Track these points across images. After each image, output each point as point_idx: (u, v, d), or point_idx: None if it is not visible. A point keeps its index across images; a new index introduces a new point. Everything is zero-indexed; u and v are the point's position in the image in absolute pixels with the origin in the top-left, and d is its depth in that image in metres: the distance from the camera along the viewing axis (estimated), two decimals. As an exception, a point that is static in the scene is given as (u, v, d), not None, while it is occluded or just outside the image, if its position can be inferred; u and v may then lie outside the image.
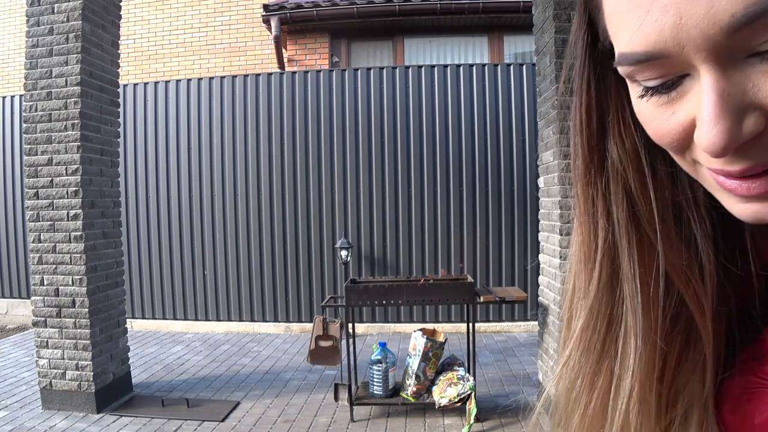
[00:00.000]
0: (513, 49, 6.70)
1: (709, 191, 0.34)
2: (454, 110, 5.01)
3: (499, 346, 4.62)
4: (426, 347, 3.08)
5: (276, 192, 5.15)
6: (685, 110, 0.30)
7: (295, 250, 5.14)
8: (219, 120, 5.23)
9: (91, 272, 3.32)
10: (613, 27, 0.31)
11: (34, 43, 3.26)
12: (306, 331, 5.06)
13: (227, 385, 3.77)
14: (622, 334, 0.37)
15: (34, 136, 3.30)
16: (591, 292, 0.38)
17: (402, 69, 5.10)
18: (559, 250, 2.93)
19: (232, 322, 5.26)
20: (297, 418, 3.20)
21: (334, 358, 3.23)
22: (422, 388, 3.12)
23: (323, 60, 6.60)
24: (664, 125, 0.32)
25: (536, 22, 3.23)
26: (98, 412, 3.28)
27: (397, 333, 5.06)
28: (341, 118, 5.10)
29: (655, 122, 0.32)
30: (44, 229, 3.31)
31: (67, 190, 3.27)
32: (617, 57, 0.31)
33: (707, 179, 0.33)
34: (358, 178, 5.08)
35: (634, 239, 0.36)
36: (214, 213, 5.23)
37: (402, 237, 5.05)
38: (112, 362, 3.47)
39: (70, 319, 3.29)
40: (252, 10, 7.36)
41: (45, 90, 3.26)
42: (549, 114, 3.07)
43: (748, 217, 0.32)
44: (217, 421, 3.14)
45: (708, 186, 0.33)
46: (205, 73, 7.15)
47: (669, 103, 0.31)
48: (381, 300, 3.07)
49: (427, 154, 5.03)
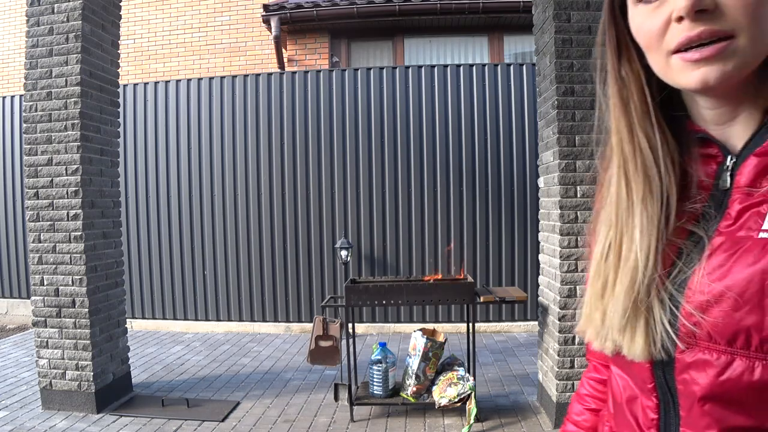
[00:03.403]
0: (513, 49, 6.70)
1: (673, 80, 0.53)
2: (454, 110, 5.01)
3: (499, 346, 4.62)
4: (426, 347, 3.08)
5: (276, 192, 5.15)
6: (665, 11, 0.51)
7: (295, 250, 5.14)
8: (219, 120, 5.23)
9: (91, 272, 3.32)
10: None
11: (34, 43, 3.26)
12: (306, 331, 5.06)
13: (227, 385, 3.77)
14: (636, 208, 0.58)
15: (34, 136, 3.30)
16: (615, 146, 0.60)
17: (402, 69, 5.10)
18: (559, 250, 2.92)
19: (232, 322, 5.26)
20: (297, 418, 3.20)
21: (334, 358, 3.23)
22: (422, 388, 3.12)
23: (323, 60, 6.60)
24: (652, 25, 0.53)
25: (536, 22, 3.23)
26: (98, 412, 3.28)
27: (397, 333, 5.06)
28: (341, 118, 5.10)
29: (645, 25, 0.53)
30: (44, 229, 3.31)
31: (67, 190, 3.27)
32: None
33: (673, 66, 0.52)
34: (358, 178, 5.08)
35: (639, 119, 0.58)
36: (214, 213, 5.23)
37: (402, 237, 5.05)
38: (112, 362, 3.47)
39: (70, 319, 3.29)
40: (252, 10, 7.36)
41: (45, 90, 3.26)
42: (549, 114, 3.07)
43: (698, 82, 0.50)
44: (217, 421, 3.14)
45: (674, 73, 0.52)
46: (205, 73, 7.16)
47: (655, 8, 0.52)
48: (381, 300, 3.07)
49: (427, 154, 5.03)
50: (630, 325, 0.56)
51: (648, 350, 0.55)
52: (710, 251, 0.52)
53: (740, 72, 0.49)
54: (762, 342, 0.47)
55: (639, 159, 0.58)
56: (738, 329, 0.48)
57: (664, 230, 0.56)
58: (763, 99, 0.52)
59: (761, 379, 0.47)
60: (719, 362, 0.50)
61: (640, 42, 0.56)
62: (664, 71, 0.53)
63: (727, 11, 0.47)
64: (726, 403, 0.50)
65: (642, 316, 0.55)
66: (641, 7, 0.54)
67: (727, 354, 0.49)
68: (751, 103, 0.53)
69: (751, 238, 0.49)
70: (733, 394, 0.49)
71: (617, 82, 0.59)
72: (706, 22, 0.48)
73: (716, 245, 0.52)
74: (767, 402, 0.48)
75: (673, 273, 0.55)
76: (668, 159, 0.57)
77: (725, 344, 0.49)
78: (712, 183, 0.56)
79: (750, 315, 0.47)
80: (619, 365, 0.64)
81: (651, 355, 0.55)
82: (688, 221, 0.56)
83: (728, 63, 0.48)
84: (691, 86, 0.51)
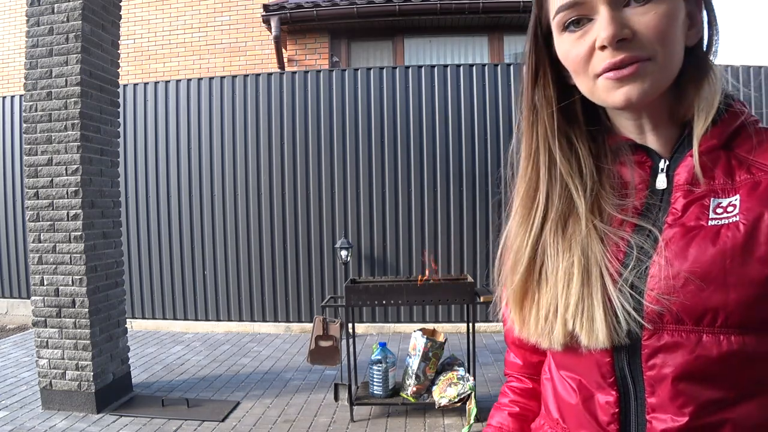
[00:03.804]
0: (513, 49, 6.70)
1: (600, 99, 0.59)
2: (454, 110, 5.01)
3: (499, 346, 4.62)
4: (426, 347, 3.08)
5: (276, 192, 5.15)
6: (589, 39, 0.57)
7: (295, 250, 5.14)
8: (219, 120, 5.22)
9: (91, 272, 3.32)
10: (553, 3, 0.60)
11: (34, 43, 3.26)
12: (306, 331, 5.06)
13: (227, 385, 3.77)
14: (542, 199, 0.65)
15: (34, 136, 3.30)
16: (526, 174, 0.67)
17: (402, 69, 5.10)
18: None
19: (232, 322, 5.26)
20: (297, 418, 3.20)
21: (334, 358, 3.23)
22: (422, 388, 3.12)
23: (323, 60, 6.60)
24: (578, 51, 0.59)
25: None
26: (98, 412, 3.28)
27: (397, 333, 5.06)
28: (341, 118, 5.10)
29: (572, 52, 0.59)
30: (44, 229, 3.31)
31: (67, 190, 3.27)
32: (555, 10, 0.59)
33: (599, 87, 0.58)
34: (358, 178, 5.08)
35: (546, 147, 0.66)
36: (214, 213, 5.23)
37: (402, 237, 5.05)
38: (112, 362, 3.47)
39: (70, 319, 3.29)
40: (252, 10, 7.36)
41: (45, 90, 3.26)
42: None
43: (622, 101, 0.57)
44: (217, 421, 3.14)
45: (601, 93, 0.59)
46: (205, 73, 7.16)
47: (580, 37, 0.58)
48: (381, 300, 3.07)
49: (427, 154, 5.03)
50: (587, 315, 0.59)
51: (610, 336, 0.57)
52: (665, 241, 0.57)
53: (657, 89, 0.57)
54: (726, 318, 0.52)
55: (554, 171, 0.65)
56: (705, 308, 0.53)
57: (602, 225, 0.62)
58: (677, 114, 0.61)
59: (727, 351, 0.53)
60: (689, 341, 0.54)
61: (567, 66, 0.62)
62: (591, 92, 0.60)
63: (643, 39, 0.55)
64: (699, 380, 0.54)
65: (599, 305, 0.58)
66: (566, 36, 0.60)
67: (695, 333, 0.54)
68: (668, 116, 0.62)
69: (703, 226, 0.55)
70: (705, 369, 0.54)
71: (529, 108, 0.66)
72: (627, 50, 0.55)
73: (670, 235, 0.57)
74: (733, 371, 0.53)
75: (629, 263, 0.58)
76: (589, 168, 0.65)
77: (693, 324, 0.54)
78: (647, 184, 0.63)
79: (715, 294, 0.53)
80: (568, 366, 0.66)
81: (613, 341, 0.57)
82: (634, 216, 0.61)
83: (646, 82, 0.56)
84: (617, 104, 0.58)
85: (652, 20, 0.54)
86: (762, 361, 0.54)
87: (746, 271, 0.52)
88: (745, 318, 0.52)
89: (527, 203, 0.66)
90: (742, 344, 0.53)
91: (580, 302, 0.59)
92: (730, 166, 0.57)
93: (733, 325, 0.53)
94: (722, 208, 0.56)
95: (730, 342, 0.53)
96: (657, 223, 0.59)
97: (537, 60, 0.65)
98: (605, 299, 0.58)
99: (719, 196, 0.56)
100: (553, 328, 0.62)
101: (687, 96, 0.60)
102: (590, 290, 0.59)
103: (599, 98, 0.60)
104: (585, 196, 0.63)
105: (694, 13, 0.60)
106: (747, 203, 0.54)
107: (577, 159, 0.65)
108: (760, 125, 0.59)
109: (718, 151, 0.58)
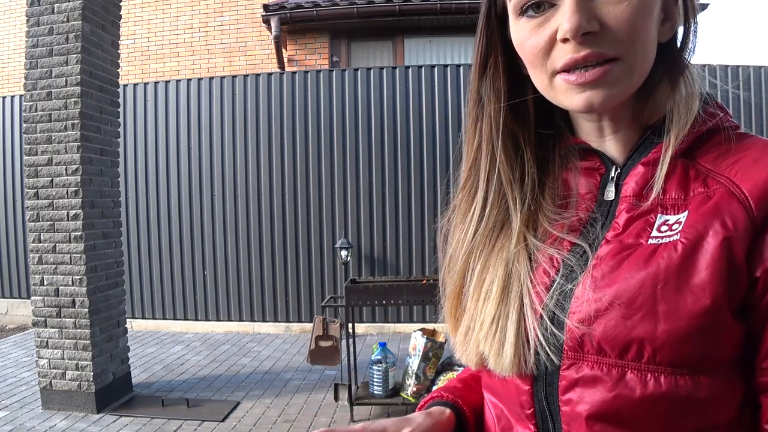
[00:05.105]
0: (513, 49, 6.70)
1: (557, 100, 0.52)
2: (454, 110, 5.01)
3: (499, 346, 4.61)
4: (426, 347, 3.08)
5: (276, 192, 5.15)
6: (549, 28, 0.49)
7: (295, 250, 5.14)
8: (219, 120, 5.22)
9: (91, 272, 3.31)
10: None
11: (34, 43, 3.26)
12: (306, 331, 5.06)
13: (227, 385, 3.77)
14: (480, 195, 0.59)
15: (34, 136, 3.30)
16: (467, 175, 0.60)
17: (402, 69, 5.10)
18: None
19: (232, 322, 5.26)
20: (297, 418, 3.20)
21: (334, 358, 3.23)
22: (422, 388, 3.12)
23: (323, 60, 6.60)
24: (536, 42, 0.50)
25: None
26: (98, 412, 3.27)
27: (397, 333, 5.06)
28: (341, 118, 5.10)
29: (530, 40, 0.51)
30: (44, 229, 3.31)
31: (67, 190, 3.27)
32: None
33: (557, 86, 0.51)
34: (358, 178, 5.08)
35: (489, 148, 0.58)
36: (214, 213, 5.23)
37: (402, 237, 5.05)
38: (112, 362, 3.47)
39: (70, 319, 3.29)
40: (252, 10, 7.36)
41: (45, 90, 3.26)
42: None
43: (582, 106, 0.49)
44: (217, 421, 3.14)
45: (558, 94, 0.51)
46: (205, 73, 7.15)
47: (539, 24, 0.50)
48: (381, 300, 3.07)
49: (427, 154, 5.03)
50: (498, 338, 0.53)
51: (517, 364, 0.51)
52: (596, 261, 0.50)
53: (624, 94, 0.49)
54: (655, 352, 0.44)
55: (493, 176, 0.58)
56: (630, 339, 0.45)
57: (534, 241, 0.55)
58: (641, 117, 0.54)
59: (654, 393, 0.44)
60: (610, 376, 0.46)
61: (523, 57, 0.54)
62: (547, 90, 0.52)
63: (612, 34, 0.47)
64: (618, 424, 0.46)
65: (512, 328, 0.52)
66: (524, 22, 0.51)
67: (618, 368, 0.46)
68: (630, 120, 0.54)
69: (641, 244, 0.48)
70: (625, 411, 0.46)
71: (474, 102, 0.59)
72: (592, 45, 0.47)
73: (603, 254, 0.50)
74: (660, 418, 0.45)
75: (555, 285, 0.52)
76: (532, 177, 0.58)
77: (616, 356, 0.46)
78: (596, 195, 0.55)
79: (642, 323, 0.45)
80: (491, 389, 0.59)
81: (520, 369, 0.51)
82: (571, 233, 0.54)
83: (612, 87, 0.48)
84: (575, 109, 0.51)
85: (624, 12, 0.46)
86: (698, 411, 0.44)
87: (680, 300, 0.44)
88: (676, 355, 0.44)
89: (465, 206, 0.61)
90: (674, 386, 0.44)
91: (494, 323, 0.53)
92: (687, 178, 0.49)
93: (663, 362, 0.44)
94: (668, 225, 0.48)
95: (659, 382, 0.44)
96: (596, 240, 0.52)
97: (487, 46, 0.56)
98: (519, 322, 0.52)
99: (668, 213, 0.49)
100: (468, 346, 0.56)
101: (656, 98, 0.53)
102: (507, 311, 0.53)
103: (555, 99, 0.52)
104: (522, 210, 0.57)
105: (670, 5, 0.51)
106: (691, 220, 0.46)
107: (521, 165, 0.58)
108: (740, 130, 0.51)
109: (675, 161, 0.50)
